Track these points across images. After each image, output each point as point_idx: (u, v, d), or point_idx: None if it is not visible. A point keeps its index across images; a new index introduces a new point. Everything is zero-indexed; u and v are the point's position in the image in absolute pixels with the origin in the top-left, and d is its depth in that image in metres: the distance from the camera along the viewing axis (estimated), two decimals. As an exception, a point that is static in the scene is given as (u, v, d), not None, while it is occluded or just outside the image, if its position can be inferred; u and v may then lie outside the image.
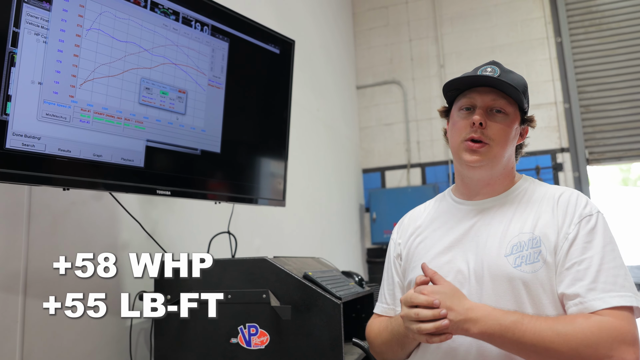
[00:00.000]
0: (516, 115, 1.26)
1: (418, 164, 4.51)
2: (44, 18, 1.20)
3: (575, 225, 1.14)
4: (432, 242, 1.31)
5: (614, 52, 4.11)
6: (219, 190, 1.70)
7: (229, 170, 1.72)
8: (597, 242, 1.12)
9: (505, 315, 1.07)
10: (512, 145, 1.27)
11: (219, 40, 1.65)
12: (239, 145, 1.75)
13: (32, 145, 1.19)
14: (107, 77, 1.33)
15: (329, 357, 1.37)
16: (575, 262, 1.11)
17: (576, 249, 1.12)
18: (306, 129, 3.50)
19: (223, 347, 1.45)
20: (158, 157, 1.48)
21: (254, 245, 2.59)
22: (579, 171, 4.06)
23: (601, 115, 4.11)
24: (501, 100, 1.24)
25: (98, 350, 1.60)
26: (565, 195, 1.21)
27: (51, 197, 1.48)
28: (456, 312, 1.08)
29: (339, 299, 1.39)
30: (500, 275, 1.15)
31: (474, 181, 1.30)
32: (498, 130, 1.23)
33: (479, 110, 1.24)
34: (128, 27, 1.38)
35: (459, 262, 1.23)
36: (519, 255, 1.15)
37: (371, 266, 4.47)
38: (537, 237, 1.16)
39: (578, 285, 1.09)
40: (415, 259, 1.32)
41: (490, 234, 1.21)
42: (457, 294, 1.11)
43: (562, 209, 1.18)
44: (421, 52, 4.61)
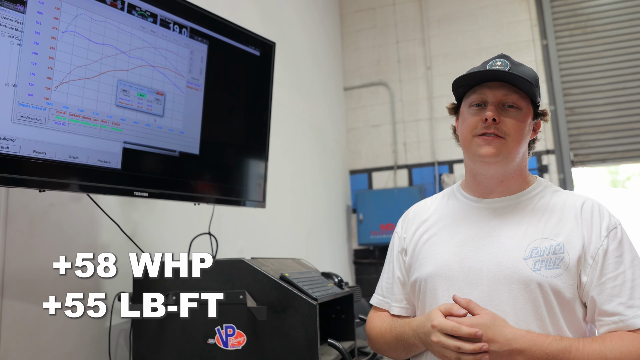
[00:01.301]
0: (529, 110, 1.22)
1: (405, 165, 4.53)
2: (18, 20, 1.20)
3: (604, 238, 1.14)
4: (442, 239, 1.27)
5: (599, 55, 4.15)
6: (197, 191, 1.71)
7: (207, 171, 1.73)
8: (626, 257, 1.13)
9: (551, 343, 1.06)
10: (526, 140, 1.24)
11: (198, 43, 1.66)
12: (218, 146, 1.76)
13: (7, 147, 1.20)
14: (84, 79, 1.34)
15: (305, 358, 1.38)
16: (609, 277, 1.11)
17: (609, 263, 1.12)
18: (292, 131, 3.51)
19: (200, 348, 1.46)
20: (135, 158, 1.49)
21: (238, 247, 2.60)
22: (564, 173, 4.10)
23: (586, 117, 4.15)
24: (513, 95, 1.20)
25: (77, 351, 1.60)
26: (588, 205, 1.19)
27: (29, 198, 1.49)
28: (499, 343, 1.06)
29: (315, 300, 1.40)
30: (519, 278, 1.13)
31: (487, 178, 1.26)
32: (512, 125, 1.19)
33: (491, 107, 1.19)
34: (105, 30, 1.38)
35: (471, 261, 1.20)
36: (538, 260, 1.13)
37: (358, 267, 4.49)
38: (561, 243, 1.14)
39: (616, 302, 1.09)
40: (423, 256, 1.29)
41: (508, 235, 1.19)
42: (497, 323, 1.08)
43: (587, 218, 1.17)
44: (408, 54, 4.63)
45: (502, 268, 1.15)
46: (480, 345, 1.05)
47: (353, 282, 4.46)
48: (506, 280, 1.14)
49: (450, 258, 1.23)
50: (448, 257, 1.23)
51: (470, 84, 1.25)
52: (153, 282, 1.42)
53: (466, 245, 1.22)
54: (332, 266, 4.00)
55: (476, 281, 1.17)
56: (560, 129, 4.15)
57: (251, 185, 1.90)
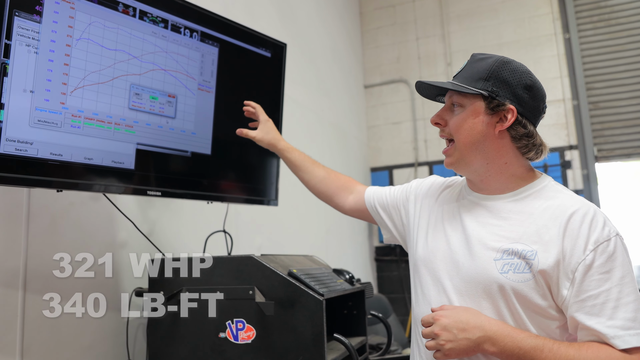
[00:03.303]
0: (475, 104, 1.19)
1: (425, 162, 4.53)
2: (34, 30, 1.27)
3: (590, 251, 1.07)
4: (438, 226, 1.31)
5: (623, 48, 4.07)
6: (210, 190, 1.76)
7: (220, 170, 1.78)
8: (616, 273, 1.06)
9: (525, 338, 1.07)
10: (485, 137, 1.19)
11: (208, 46, 1.71)
12: (230, 146, 1.81)
13: (25, 150, 1.26)
14: (97, 84, 1.40)
15: (312, 352, 1.42)
16: (591, 294, 1.06)
17: (593, 280, 1.06)
18: (311, 129, 3.55)
19: (212, 342, 1.51)
20: (148, 159, 1.54)
21: (256, 244, 2.65)
22: (588, 169, 4.04)
23: (610, 112, 4.07)
24: (455, 95, 1.23)
25: (96, 344, 1.67)
26: (579, 213, 1.11)
27: (50, 198, 1.56)
28: (473, 328, 1.09)
29: (321, 295, 1.44)
30: (486, 277, 1.14)
31: (467, 178, 1.31)
32: (453, 124, 1.23)
33: (438, 112, 1.27)
34: (117, 36, 1.44)
35: (454, 254, 1.22)
36: (508, 262, 1.13)
37: (379, 264, 4.51)
38: (534, 250, 1.11)
39: (594, 321, 1.05)
40: (413, 235, 1.37)
41: (490, 232, 1.19)
42: (470, 311, 1.12)
43: (574, 229, 1.10)
44: (428, 51, 4.62)
45: (474, 265, 1.17)
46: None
47: (374, 279, 4.48)
48: (475, 278, 1.16)
49: (438, 246, 1.27)
50: (435, 245, 1.27)
51: (432, 97, 1.35)
52: (167, 280, 1.49)
53: (453, 237, 1.25)
54: (352, 263, 4.02)
55: (453, 272, 1.21)
56: (584, 123, 4.09)
57: (264, 184, 1.94)
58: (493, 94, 1.17)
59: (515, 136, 1.19)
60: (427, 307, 1.23)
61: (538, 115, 1.22)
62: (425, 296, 1.26)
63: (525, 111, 1.18)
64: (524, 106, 1.18)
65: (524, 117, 1.18)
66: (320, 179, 1.65)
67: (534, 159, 1.23)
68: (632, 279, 1.07)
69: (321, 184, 1.65)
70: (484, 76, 1.19)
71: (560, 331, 1.14)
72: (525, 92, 1.18)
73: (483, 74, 1.19)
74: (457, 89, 1.21)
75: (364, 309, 1.85)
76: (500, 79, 1.18)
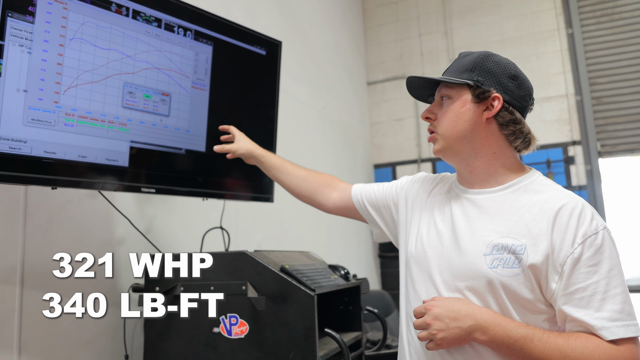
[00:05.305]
0: (462, 95, 1.23)
1: (429, 158, 4.53)
2: (27, 30, 1.29)
3: (578, 245, 1.08)
4: (429, 221, 1.32)
5: (626, 43, 4.04)
6: (205, 187, 1.78)
7: (215, 168, 1.79)
8: (603, 266, 1.08)
9: (515, 327, 1.09)
10: (473, 126, 1.21)
11: (202, 44, 1.72)
12: (225, 143, 1.82)
13: (19, 149, 1.28)
14: (91, 83, 1.42)
15: (304, 347, 1.43)
16: (579, 287, 1.07)
17: (581, 272, 1.08)
18: (313, 127, 3.56)
19: (206, 336, 1.53)
20: (142, 157, 1.56)
21: (255, 240, 2.67)
22: (591, 164, 4.02)
23: (613, 107, 4.05)
24: (443, 89, 1.27)
25: (95, 339, 1.69)
26: (568, 207, 1.12)
27: (46, 195, 1.58)
28: (464, 317, 1.11)
29: (313, 291, 1.45)
30: (475, 273, 1.15)
31: (456, 170, 1.32)
32: (442, 114, 1.26)
33: (428, 107, 1.30)
34: (110, 35, 1.46)
35: (444, 249, 1.23)
36: (497, 257, 1.14)
37: (383, 260, 4.52)
38: (524, 245, 1.12)
39: (583, 313, 1.07)
40: (404, 231, 1.39)
41: (479, 227, 1.20)
42: (462, 301, 1.14)
43: (562, 223, 1.11)
44: (431, 47, 4.62)
45: (464, 261, 1.18)
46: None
47: (377, 275, 4.49)
48: (465, 273, 1.17)
49: (430, 242, 1.27)
50: (426, 242, 1.28)
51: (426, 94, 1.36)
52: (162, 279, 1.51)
53: (444, 232, 1.26)
54: (356, 260, 4.04)
55: (444, 267, 1.22)
56: (587, 119, 4.07)
57: (259, 180, 1.96)
58: (478, 83, 1.20)
59: (502, 123, 1.21)
60: (418, 302, 1.24)
61: (525, 104, 1.24)
62: (416, 292, 1.27)
63: (512, 99, 1.21)
64: (509, 94, 1.20)
65: (511, 105, 1.21)
66: (302, 179, 1.65)
67: (522, 149, 1.25)
68: (619, 272, 1.09)
69: (304, 183, 1.65)
70: (469, 68, 1.23)
71: (548, 324, 1.15)
72: (511, 81, 1.21)
73: (468, 66, 1.24)
74: (442, 80, 1.25)
75: (360, 304, 1.87)
76: (484, 69, 1.22)
